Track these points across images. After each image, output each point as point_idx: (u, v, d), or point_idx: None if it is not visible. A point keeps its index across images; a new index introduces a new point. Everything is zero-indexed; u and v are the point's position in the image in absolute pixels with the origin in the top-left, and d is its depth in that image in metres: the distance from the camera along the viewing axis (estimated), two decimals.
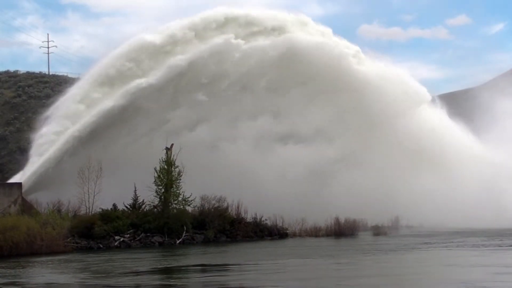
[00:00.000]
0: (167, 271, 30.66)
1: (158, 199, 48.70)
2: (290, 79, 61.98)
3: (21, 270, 32.14)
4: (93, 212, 48.57)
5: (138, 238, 46.29)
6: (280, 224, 52.32)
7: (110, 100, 55.39)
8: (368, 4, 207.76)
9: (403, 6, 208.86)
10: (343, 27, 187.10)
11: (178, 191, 48.80)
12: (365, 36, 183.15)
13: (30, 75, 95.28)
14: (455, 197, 58.36)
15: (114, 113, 54.81)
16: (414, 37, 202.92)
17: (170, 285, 26.58)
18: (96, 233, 44.99)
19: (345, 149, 62.00)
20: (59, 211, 46.85)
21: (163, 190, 48.45)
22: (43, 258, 37.10)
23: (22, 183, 51.45)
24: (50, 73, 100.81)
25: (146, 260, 36.53)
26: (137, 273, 29.66)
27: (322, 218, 52.22)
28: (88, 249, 43.60)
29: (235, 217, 50.86)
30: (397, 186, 58.24)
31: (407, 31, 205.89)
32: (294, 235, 52.08)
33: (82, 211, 49.07)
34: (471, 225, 54.65)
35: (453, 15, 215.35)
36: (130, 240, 45.85)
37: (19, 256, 37.88)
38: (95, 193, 49.33)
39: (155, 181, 48.47)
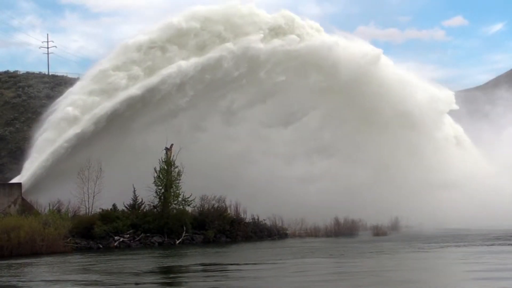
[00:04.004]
0: (174, 271, 30.68)
1: (158, 199, 48.75)
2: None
3: (40, 269, 32.08)
4: (93, 212, 48.61)
5: (138, 238, 46.32)
6: (280, 224, 52.38)
7: (114, 98, 55.50)
8: (364, 5, 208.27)
9: (400, 7, 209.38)
10: (341, 28, 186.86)
11: (178, 191, 48.84)
12: (362, 37, 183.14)
13: (29, 75, 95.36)
14: (454, 198, 58.42)
15: (116, 113, 54.88)
16: (411, 38, 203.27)
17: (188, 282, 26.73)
18: (96, 233, 45.03)
19: (345, 149, 62.08)
20: (59, 211, 46.89)
21: (162, 190, 48.49)
22: (48, 258, 37.03)
23: (22, 183, 51.48)
24: (50, 73, 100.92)
25: (147, 260, 36.53)
26: (149, 272, 29.69)
27: (322, 218, 52.25)
28: (88, 249, 43.61)
29: (234, 217, 50.90)
30: (397, 186, 58.28)
31: (404, 32, 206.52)
32: (293, 235, 52.10)
33: (82, 211, 49.10)
34: (471, 226, 54.69)
35: (449, 16, 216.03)
36: (130, 240, 45.88)
37: (21, 256, 37.88)
38: (95, 193, 49.39)
39: (154, 181, 48.50)
